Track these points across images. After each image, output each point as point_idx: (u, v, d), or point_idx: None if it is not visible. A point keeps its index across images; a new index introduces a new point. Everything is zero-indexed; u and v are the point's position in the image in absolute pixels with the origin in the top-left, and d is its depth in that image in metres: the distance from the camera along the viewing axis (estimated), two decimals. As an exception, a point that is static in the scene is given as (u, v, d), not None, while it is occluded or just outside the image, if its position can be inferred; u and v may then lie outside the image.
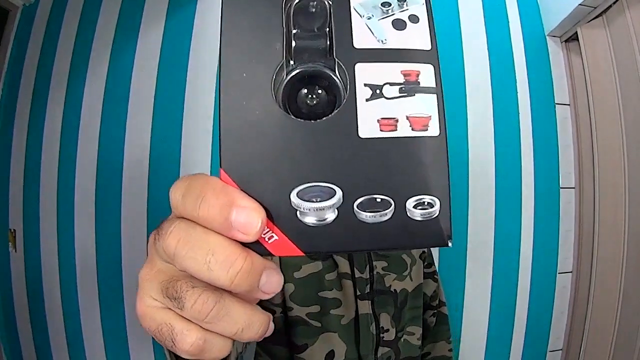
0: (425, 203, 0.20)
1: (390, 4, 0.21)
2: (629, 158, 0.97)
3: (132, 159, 1.21)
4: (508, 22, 1.20)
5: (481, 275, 1.15)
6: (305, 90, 0.20)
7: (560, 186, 1.17)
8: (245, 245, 0.19)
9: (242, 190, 0.19)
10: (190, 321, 0.20)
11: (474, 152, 1.16)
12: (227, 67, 0.20)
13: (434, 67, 0.21)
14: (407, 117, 0.20)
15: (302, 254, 0.20)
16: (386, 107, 0.20)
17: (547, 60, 1.19)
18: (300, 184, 0.19)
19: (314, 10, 0.21)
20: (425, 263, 0.76)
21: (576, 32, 1.11)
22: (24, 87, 1.33)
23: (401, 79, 0.20)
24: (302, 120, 0.19)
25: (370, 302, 0.62)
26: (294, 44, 0.20)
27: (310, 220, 0.19)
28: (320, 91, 0.20)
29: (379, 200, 0.19)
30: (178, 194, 0.20)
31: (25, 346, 1.31)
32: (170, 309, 0.20)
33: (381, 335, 0.62)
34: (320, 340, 0.60)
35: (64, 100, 1.29)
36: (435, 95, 0.20)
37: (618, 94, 1.00)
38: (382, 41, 0.20)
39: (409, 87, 0.20)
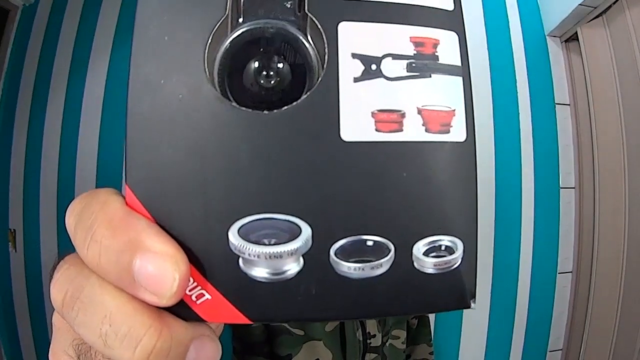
0: (442, 248, 0.13)
1: None
2: (629, 158, 0.97)
3: (132, 159, 1.20)
4: (508, 22, 1.20)
5: (481, 275, 1.15)
6: (257, 63, 0.12)
7: (560, 186, 1.17)
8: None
9: (154, 220, 0.12)
10: None
11: (474, 152, 1.16)
12: (142, 25, 0.12)
13: (458, 36, 0.14)
14: (420, 110, 0.13)
15: (249, 321, 0.13)
16: (386, 93, 0.13)
17: (547, 60, 1.19)
18: (244, 216, 0.12)
19: None
20: None
21: (576, 32, 1.11)
22: (24, 87, 1.33)
23: (411, 50, 0.13)
24: (250, 110, 0.12)
25: None
26: None
27: (260, 273, 0.12)
28: (280, 65, 0.13)
29: (370, 243, 0.13)
30: (71, 221, 0.13)
31: (25, 346, 1.31)
32: None
33: (368, 341, 0.60)
34: (304, 349, 0.57)
35: (64, 100, 1.29)
36: (461, 79, 0.14)
37: (618, 94, 1.00)
38: None
39: (423, 64, 0.13)
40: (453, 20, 0.14)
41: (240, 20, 0.13)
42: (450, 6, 0.14)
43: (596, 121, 1.07)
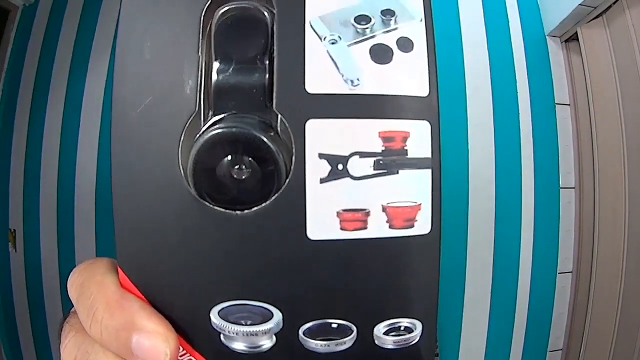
0: (402, 328, 0.14)
1: (369, 19, 0.13)
2: (629, 158, 0.97)
3: (132, 159, 1.20)
4: (508, 22, 1.20)
5: (481, 275, 1.15)
6: (227, 165, 0.13)
7: (560, 186, 1.17)
8: None
9: (147, 298, 0.14)
10: None
11: (473, 152, 1.16)
12: (120, 111, 0.13)
13: (431, 124, 0.14)
14: (384, 208, 0.13)
15: None
16: (352, 193, 0.13)
17: (547, 60, 1.19)
18: (222, 301, 0.14)
19: (245, 28, 0.13)
20: None
21: (576, 32, 1.11)
22: (24, 87, 1.33)
23: (379, 147, 0.13)
24: (222, 210, 0.13)
25: None
26: (214, 80, 0.13)
27: (238, 345, 0.14)
28: (249, 168, 0.13)
29: (334, 325, 0.14)
30: (73, 293, 0.15)
31: (25, 346, 1.31)
32: None
33: None
34: None
35: (64, 100, 1.29)
36: (429, 171, 0.14)
37: (618, 94, 1.00)
38: (352, 82, 0.13)
39: (390, 160, 0.13)
40: (426, 108, 0.14)
41: (211, 113, 0.13)
42: (424, 91, 0.14)
43: (596, 121, 1.07)
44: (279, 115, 0.13)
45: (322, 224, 0.13)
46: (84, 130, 1.26)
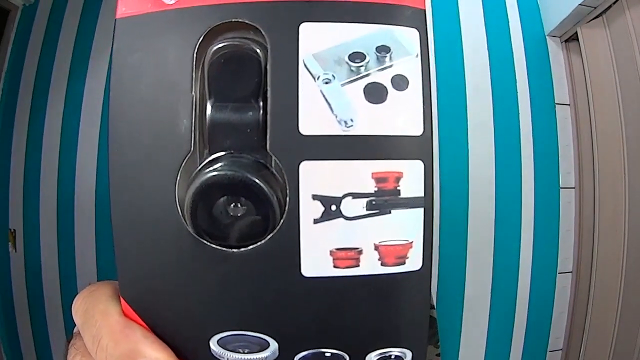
0: (392, 357, 0.15)
1: (364, 57, 0.13)
2: (629, 158, 0.97)
3: (132, 159, 1.20)
4: (508, 22, 1.20)
5: (481, 275, 1.15)
6: (222, 205, 0.13)
7: (560, 186, 1.17)
8: None
9: (148, 325, 0.14)
10: None
11: (473, 152, 1.16)
12: (117, 150, 0.14)
13: (424, 163, 0.14)
14: (377, 247, 0.14)
15: None
16: (345, 233, 0.13)
17: (547, 60, 1.19)
18: (221, 331, 0.14)
19: (239, 67, 0.13)
20: None
21: (576, 32, 1.11)
22: (24, 87, 1.33)
23: (372, 188, 0.13)
24: (220, 248, 0.13)
25: None
26: (208, 119, 0.13)
27: None
28: (243, 207, 0.13)
29: (328, 354, 0.14)
30: (78, 318, 0.16)
31: (25, 346, 1.31)
32: None
33: None
34: None
35: (64, 100, 1.29)
36: (422, 210, 0.14)
37: (618, 94, 1.00)
38: (345, 123, 0.13)
39: (383, 201, 0.13)
40: (420, 147, 0.14)
41: (206, 152, 0.13)
42: (419, 131, 0.14)
43: (596, 121, 1.07)
44: (273, 158, 0.13)
45: (315, 262, 0.13)
46: (84, 130, 1.26)
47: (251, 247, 0.13)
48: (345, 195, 0.13)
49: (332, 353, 0.14)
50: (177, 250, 0.14)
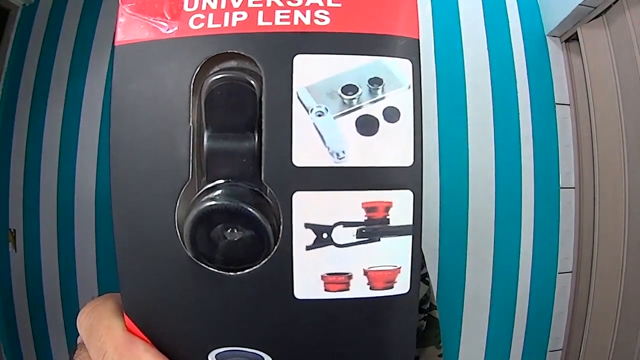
0: None
1: (356, 89, 0.14)
2: (629, 158, 0.97)
3: (132, 159, 1.20)
4: (508, 22, 1.20)
5: (481, 275, 1.15)
6: (218, 231, 0.14)
7: (560, 186, 1.17)
8: None
9: (151, 340, 0.15)
10: None
11: (474, 152, 1.16)
12: (118, 177, 0.14)
13: (413, 193, 0.14)
14: (366, 272, 0.14)
15: None
16: (336, 259, 0.14)
17: (547, 60, 1.19)
18: (219, 347, 0.15)
19: (234, 99, 0.14)
20: None
21: (576, 32, 1.11)
22: (24, 87, 1.33)
23: (362, 217, 0.14)
24: (218, 271, 0.14)
25: None
26: (205, 149, 0.14)
27: None
28: (239, 232, 0.14)
29: None
30: (83, 332, 0.17)
31: (25, 346, 1.31)
32: None
33: None
34: None
35: (64, 100, 1.29)
36: (410, 237, 0.14)
37: (618, 94, 1.00)
38: (337, 155, 0.13)
39: (373, 229, 0.14)
40: (410, 178, 0.14)
41: (204, 180, 0.14)
42: (409, 161, 0.14)
43: (596, 121, 1.07)
44: (267, 188, 0.14)
45: (307, 285, 0.14)
46: (84, 130, 1.26)
47: (247, 270, 0.14)
48: (336, 224, 0.14)
49: None
50: (177, 272, 0.14)
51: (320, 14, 0.14)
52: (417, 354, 0.71)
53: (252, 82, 0.14)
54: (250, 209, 0.13)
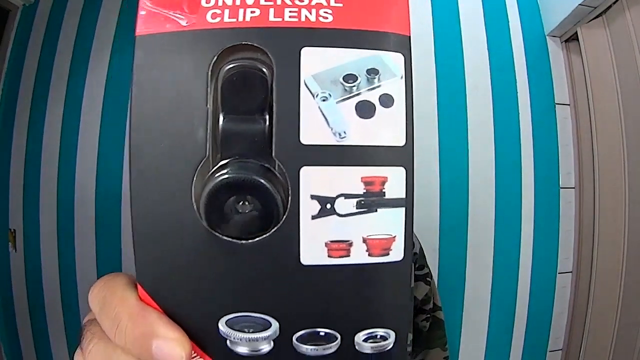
0: (378, 336, 0.17)
1: (356, 78, 0.16)
2: (629, 158, 0.97)
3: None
4: (508, 22, 1.20)
5: (481, 275, 1.15)
6: (232, 203, 0.15)
7: (560, 186, 1.17)
8: None
9: (163, 309, 0.16)
10: None
11: (473, 152, 1.16)
12: (138, 154, 0.16)
13: (406, 170, 0.16)
14: (365, 240, 0.16)
15: None
16: (338, 227, 0.16)
17: (547, 60, 1.19)
18: (228, 313, 0.16)
19: (248, 84, 0.15)
20: (417, 265, 0.74)
21: (576, 32, 1.11)
22: (24, 87, 1.33)
23: (361, 190, 0.16)
24: (230, 239, 0.16)
25: None
26: (221, 130, 0.15)
27: (242, 350, 0.17)
28: (251, 204, 0.15)
29: (322, 333, 0.16)
30: (95, 305, 0.18)
31: (25, 346, 1.31)
32: None
33: None
34: None
35: (64, 100, 1.29)
36: (403, 209, 0.16)
37: (618, 94, 1.00)
38: (339, 135, 0.15)
39: (370, 201, 0.16)
40: (403, 156, 0.16)
41: (218, 156, 0.15)
42: (401, 142, 0.16)
43: (596, 121, 1.07)
44: (277, 163, 0.15)
45: (313, 252, 0.16)
46: (84, 130, 1.26)
47: (257, 239, 0.16)
48: (338, 196, 0.16)
49: (325, 332, 0.16)
50: (192, 241, 0.16)
51: (325, 12, 0.16)
52: (422, 355, 0.71)
53: (264, 70, 0.15)
54: (261, 180, 0.15)
